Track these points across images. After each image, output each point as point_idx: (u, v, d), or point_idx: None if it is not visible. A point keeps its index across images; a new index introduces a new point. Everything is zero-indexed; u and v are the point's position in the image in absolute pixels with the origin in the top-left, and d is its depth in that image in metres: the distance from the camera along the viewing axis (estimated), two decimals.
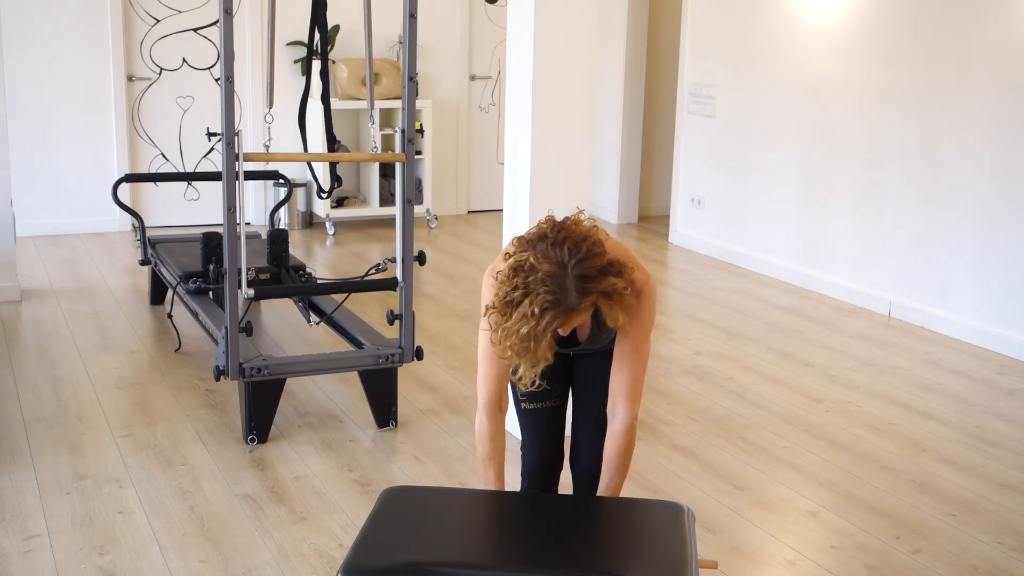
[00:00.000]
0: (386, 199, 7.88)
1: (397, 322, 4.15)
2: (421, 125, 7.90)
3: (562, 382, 2.75)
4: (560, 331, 2.31)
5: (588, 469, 2.78)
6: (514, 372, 2.66)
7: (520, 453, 2.83)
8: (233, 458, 3.88)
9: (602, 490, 2.59)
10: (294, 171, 7.58)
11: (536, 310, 2.21)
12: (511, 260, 2.28)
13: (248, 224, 7.55)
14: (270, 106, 3.95)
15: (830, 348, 5.37)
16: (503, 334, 2.28)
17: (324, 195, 4.48)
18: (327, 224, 7.68)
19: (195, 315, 4.79)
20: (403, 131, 4.01)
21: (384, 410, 4.18)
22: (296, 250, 7.06)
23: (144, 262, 5.42)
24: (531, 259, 2.24)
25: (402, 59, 4.60)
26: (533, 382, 2.39)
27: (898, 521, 3.54)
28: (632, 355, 2.51)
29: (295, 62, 7.74)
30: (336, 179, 4.42)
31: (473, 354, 4.68)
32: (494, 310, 2.31)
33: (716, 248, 7.31)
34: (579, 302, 2.23)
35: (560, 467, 2.81)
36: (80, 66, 7.23)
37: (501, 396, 2.57)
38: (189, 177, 5.86)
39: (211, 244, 4.92)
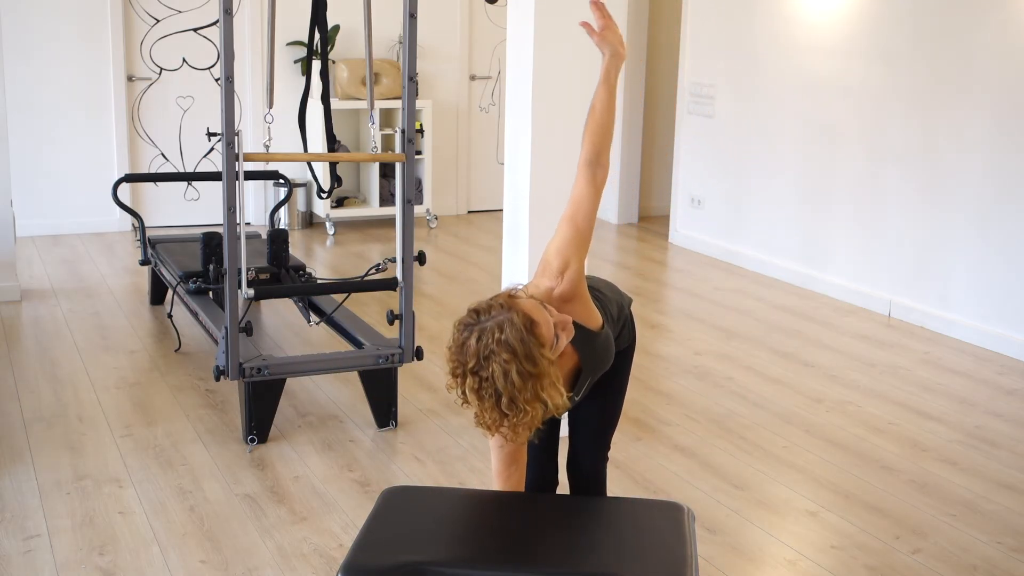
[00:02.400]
0: (386, 199, 7.87)
1: (397, 322, 4.15)
2: (421, 125, 7.90)
3: None
4: (554, 345, 2.23)
5: (587, 476, 2.78)
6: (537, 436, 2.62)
7: None
8: (233, 458, 3.88)
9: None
10: (294, 171, 7.58)
11: (503, 338, 2.12)
12: (457, 389, 2.20)
13: (248, 224, 7.55)
14: (270, 106, 3.95)
15: (830, 348, 5.37)
16: (513, 410, 2.15)
17: (324, 195, 4.49)
18: (327, 224, 7.68)
19: (195, 315, 4.79)
20: (403, 131, 4.01)
21: (384, 410, 4.17)
22: (296, 250, 7.06)
23: (144, 262, 5.42)
24: (456, 356, 2.17)
25: (402, 59, 4.60)
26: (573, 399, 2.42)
27: (898, 521, 3.54)
28: None
29: (295, 62, 7.74)
30: (336, 179, 4.42)
31: None
32: (490, 413, 2.18)
33: (716, 248, 7.31)
34: (509, 307, 2.17)
35: (556, 483, 2.81)
36: (80, 66, 7.23)
37: (519, 488, 2.60)
38: (189, 177, 5.86)
39: (211, 244, 4.92)
